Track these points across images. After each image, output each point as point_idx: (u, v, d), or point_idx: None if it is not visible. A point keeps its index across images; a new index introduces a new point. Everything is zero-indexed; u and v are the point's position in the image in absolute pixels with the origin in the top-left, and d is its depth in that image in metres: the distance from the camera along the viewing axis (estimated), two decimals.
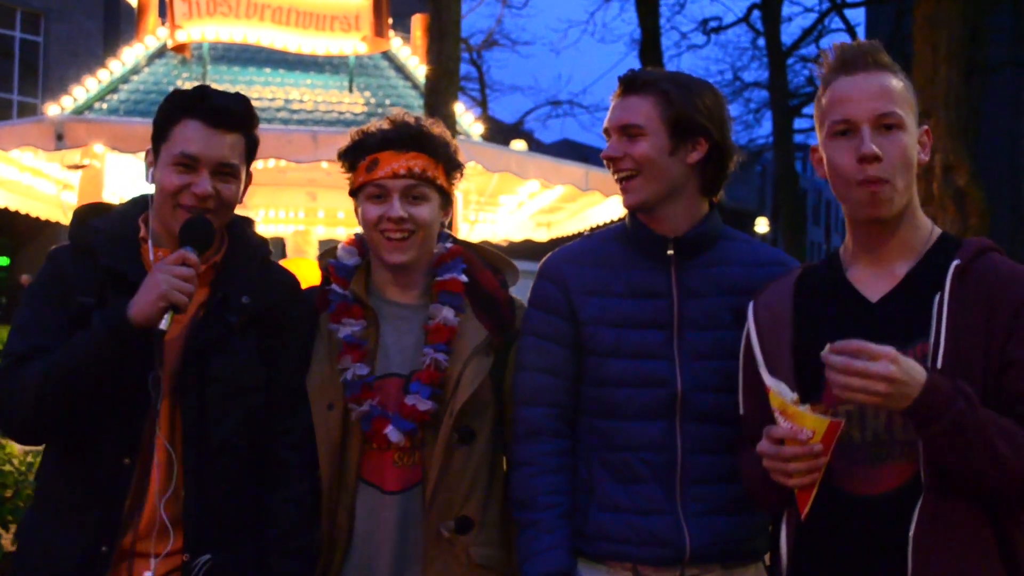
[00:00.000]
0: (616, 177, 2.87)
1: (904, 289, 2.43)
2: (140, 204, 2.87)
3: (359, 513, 2.90)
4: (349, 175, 3.00)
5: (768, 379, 2.33)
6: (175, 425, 2.72)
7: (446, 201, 3.01)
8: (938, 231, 2.50)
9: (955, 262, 2.34)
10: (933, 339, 2.29)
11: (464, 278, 2.99)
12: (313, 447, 2.89)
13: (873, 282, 2.47)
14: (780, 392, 2.27)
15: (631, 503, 2.78)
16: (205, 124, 2.73)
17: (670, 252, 2.84)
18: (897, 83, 2.42)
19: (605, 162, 2.89)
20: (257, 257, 2.92)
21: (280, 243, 10.70)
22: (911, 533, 2.27)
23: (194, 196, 2.72)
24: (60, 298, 2.70)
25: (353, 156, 2.98)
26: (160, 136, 2.77)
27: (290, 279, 3.01)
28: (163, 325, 2.55)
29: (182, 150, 2.72)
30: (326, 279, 3.02)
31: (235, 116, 2.78)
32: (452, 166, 3.01)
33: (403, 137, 2.93)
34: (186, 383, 2.71)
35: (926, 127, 2.46)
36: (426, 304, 2.98)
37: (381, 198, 2.91)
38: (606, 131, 2.88)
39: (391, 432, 2.85)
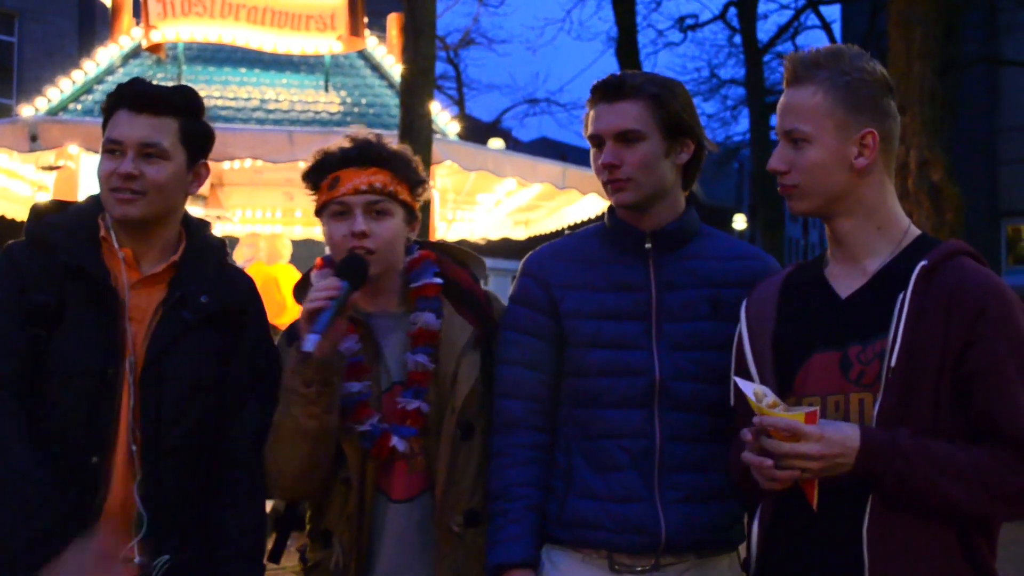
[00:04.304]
0: (608, 180, 2.87)
1: (873, 286, 2.48)
2: (97, 201, 2.87)
3: (383, 527, 2.92)
4: (314, 196, 3.00)
5: (742, 384, 2.36)
6: (135, 428, 2.73)
7: (411, 216, 3.01)
8: (916, 232, 2.55)
9: (922, 263, 2.38)
10: (891, 336, 2.33)
11: (438, 280, 3.01)
12: (258, 449, 2.89)
13: (846, 279, 2.53)
14: (756, 396, 2.31)
15: (608, 491, 2.81)
16: (129, 110, 2.76)
17: (648, 246, 2.88)
18: (813, 96, 2.47)
19: (598, 169, 2.89)
20: (215, 257, 2.94)
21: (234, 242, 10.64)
22: (865, 526, 2.31)
23: (119, 177, 2.72)
24: (16, 293, 2.70)
25: (315, 176, 2.98)
26: (104, 131, 2.82)
27: (247, 280, 3.02)
28: (308, 346, 2.62)
29: (108, 136, 2.76)
30: None
31: (159, 100, 2.79)
32: (415, 182, 3.01)
33: (363, 154, 2.93)
34: (146, 382, 2.72)
35: (867, 131, 2.47)
36: (407, 312, 3.00)
37: (344, 215, 2.90)
38: (594, 137, 2.88)
39: (397, 442, 2.87)
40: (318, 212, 3.00)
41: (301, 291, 3.01)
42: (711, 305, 2.82)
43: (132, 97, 2.77)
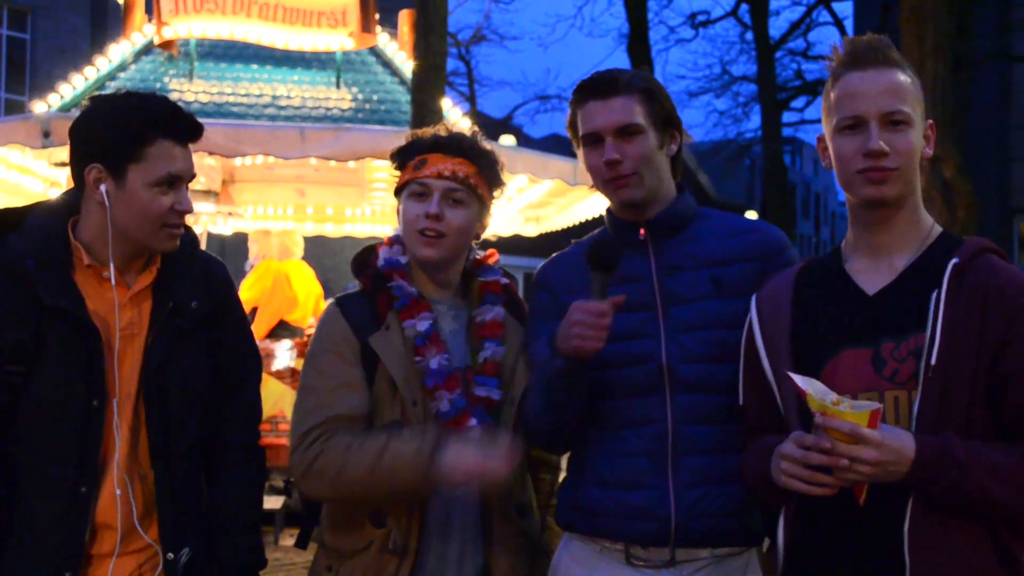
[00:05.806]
0: (611, 177, 2.87)
1: (902, 283, 2.45)
2: (65, 209, 2.81)
3: (436, 508, 2.94)
4: (398, 174, 3.07)
5: (801, 382, 2.26)
6: (138, 440, 2.75)
7: (483, 212, 3.07)
8: (939, 229, 2.53)
9: (954, 260, 2.36)
10: (928, 335, 2.31)
11: (505, 280, 3.11)
12: (254, 427, 3.04)
13: (871, 274, 2.50)
14: (818, 395, 2.21)
15: (619, 478, 2.83)
16: (177, 142, 2.72)
17: (642, 235, 2.90)
18: (905, 79, 2.46)
19: (596, 168, 2.89)
20: (193, 256, 2.93)
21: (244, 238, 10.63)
22: (906, 527, 2.28)
23: (179, 214, 2.74)
24: None
25: (403, 156, 3.06)
26: (128, 155, 2.67)
27: (221, 268, 3.03)
28: None
29: (169, 171, 2.70)
30: (379, 279, 3.03)
31: (200, 131, 2.79)
32: (495, 182, 3.09)
33: (453, 143, 3.02)
34: (148, 396, 2.74)
35: (931, 121, 2.49)
36: (460, 303, 3.08)
37: (423, 196, 2.97)
38: (590, 136, 2.89)
39: (474, 424, 2.90)
40: (398, 191, 3.06)
41: (362, 266, 3.07)
42: (713, 283, 2.84)
43: (182, 130, 2.74)
